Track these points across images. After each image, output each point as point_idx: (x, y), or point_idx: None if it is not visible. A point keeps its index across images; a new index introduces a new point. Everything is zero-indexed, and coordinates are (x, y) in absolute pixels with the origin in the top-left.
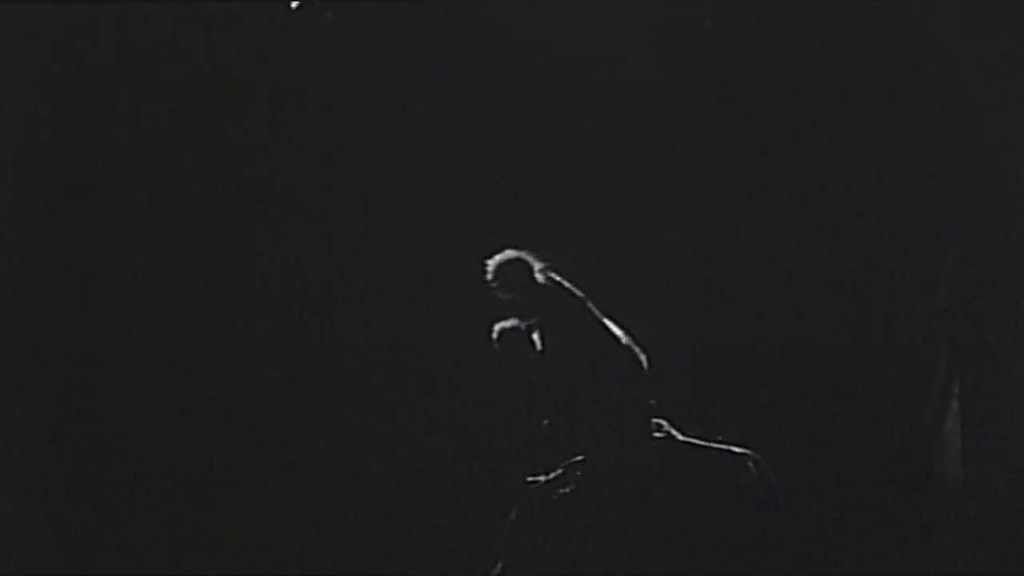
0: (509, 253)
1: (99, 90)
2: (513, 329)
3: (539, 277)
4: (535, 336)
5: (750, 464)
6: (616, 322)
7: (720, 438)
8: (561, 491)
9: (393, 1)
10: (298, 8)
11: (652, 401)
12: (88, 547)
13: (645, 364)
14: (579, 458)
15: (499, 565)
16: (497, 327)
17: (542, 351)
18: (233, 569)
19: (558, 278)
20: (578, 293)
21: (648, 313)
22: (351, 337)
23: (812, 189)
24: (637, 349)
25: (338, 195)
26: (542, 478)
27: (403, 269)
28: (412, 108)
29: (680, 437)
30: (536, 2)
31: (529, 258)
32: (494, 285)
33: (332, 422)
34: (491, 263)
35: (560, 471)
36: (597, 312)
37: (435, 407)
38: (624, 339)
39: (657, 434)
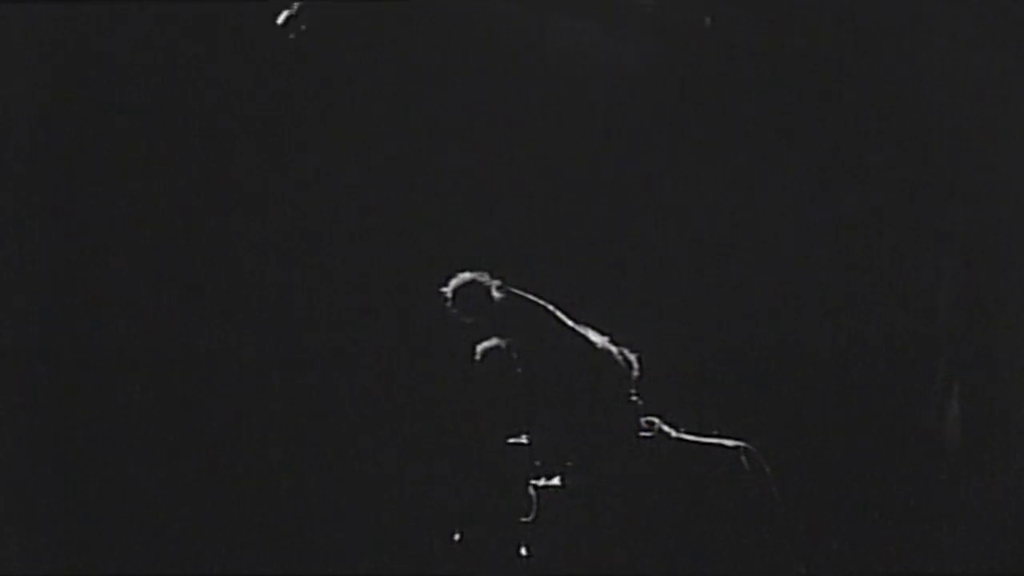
0: (464, 276)
1: (97, 91)
2: (495, 348)
3: (497, 295)
4: (515, 354)
5: (743, 458)
6: (601, 323)
7: (716, 432)
8: (558, 494)
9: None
10: (285, 23)
11: (635, 399)
12: (88, 547)
13: (635, 364)
14: (568, 463)
15: (501, 565)
16: (479, 348)
17: (520, 364)
18: (233, 569)
19: (518, 292)
20: (541, 303)
21: (642, 312)
22: (349, 343)
23: (810, 189)
24: (615, 349)
25: (334, 201)
26: (542, 482)
27: (398, 277)
28: (406, 109)
29: (673, 434)
30: (530, 3)
31: (484, 278)
32: (454, 311)
33: (329, 430)
34: (447, 289)
35: (557, 475)
36: (565, 319)
37: (426, 420)
38: (600, 342)
39: (648, 432)
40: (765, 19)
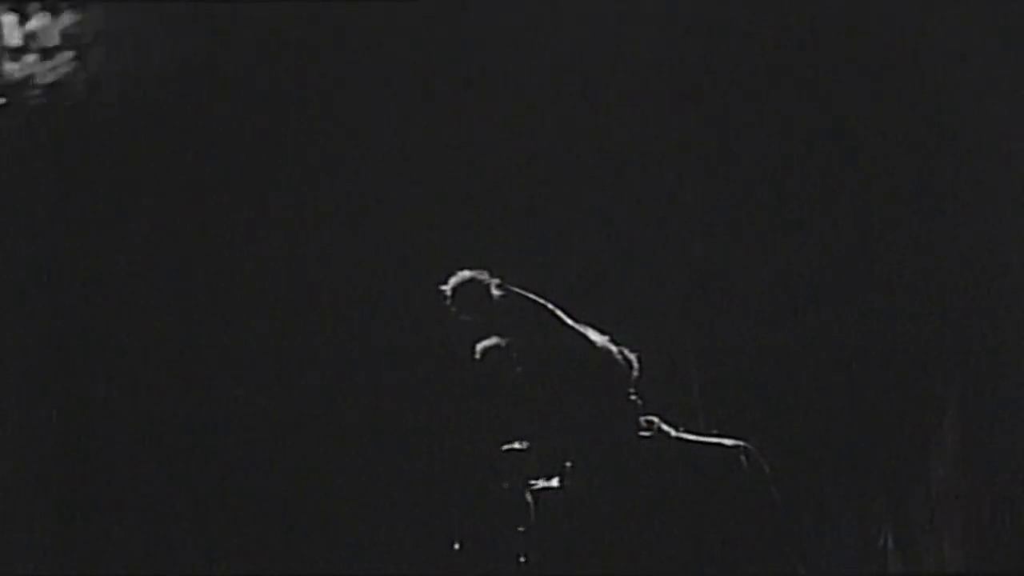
0: (463, 274)
1: (97, 91)
2: (495, 347)
3: (496, 292)
4: (515, 353)
5: (742, 457)
6: (601, 323)
7: (715, 431)
8: (558, 493)
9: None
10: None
11: (634, 398)
12: (88, 547)
13: (635, 364)
14: (568, 463)
15: (501, 567)
16: (479, 346)
17: (520, 363)
18: (231, 570)
19: (517, 290)
20: (541, 302)
21: (641, 311)
22: (347, 341)
23: (809, 188)
24: (615, 349)
25: (334, 199)
26: (541, 482)
27: (398, 275)
28: (406, 107)
29: (672, 433)
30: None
31: (484, 276)
32: (454, 309)
33: (329, 429)
34: (447, 287)
35: (556, 475)
36: (565, 317)
37: (426, 420)
38: (600, 341)
39: (647, 432)
40: (765, 20)
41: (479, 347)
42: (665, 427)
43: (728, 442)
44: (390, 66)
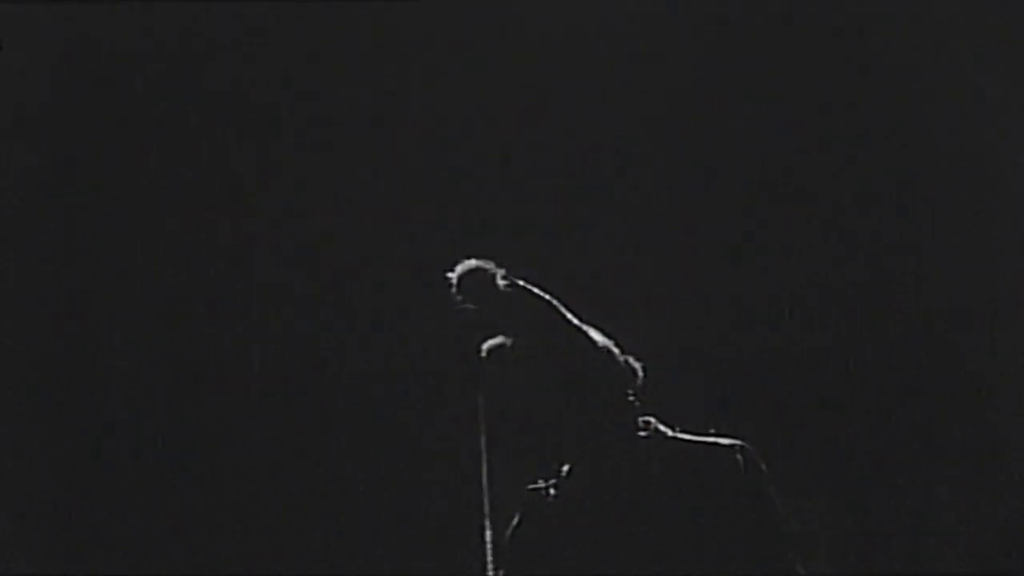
0: (469, 263)
1: (97, 90)
2: (500, 346)
3: (501, 284)
4: (518, 351)
5: (739, 456)
6: (601, 323)
7: (712, 431)
8: (558, 495)
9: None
10: None
11: (632, 398)
12: (88, 547)
13: (640, 372)
14: (566, 467)
15: (501, 572)
16: (485, 345)
17: (522, 361)
18: (228, 569)
19: (522, 283)
20: (545, 296)
21: (642, 312)
22: (350, 338)
23: (809, 192)
24: (617, 350)
25: (337, 197)
26: (541, 484)
27: (405, 274)
28: (418, 100)
29: (669, 433)
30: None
31: (490, 266)
32: (458, 298)
33: (331, 430)
34: (453, 275)
35: (555, 477)
36: (568, 314)
37: (429, 418)
38: (601, 340)
39: (645, 432)
40: (767, 23)
41: (485, 346)
42: (662, 427)
43: (725, 441)
44: (392, 64)
